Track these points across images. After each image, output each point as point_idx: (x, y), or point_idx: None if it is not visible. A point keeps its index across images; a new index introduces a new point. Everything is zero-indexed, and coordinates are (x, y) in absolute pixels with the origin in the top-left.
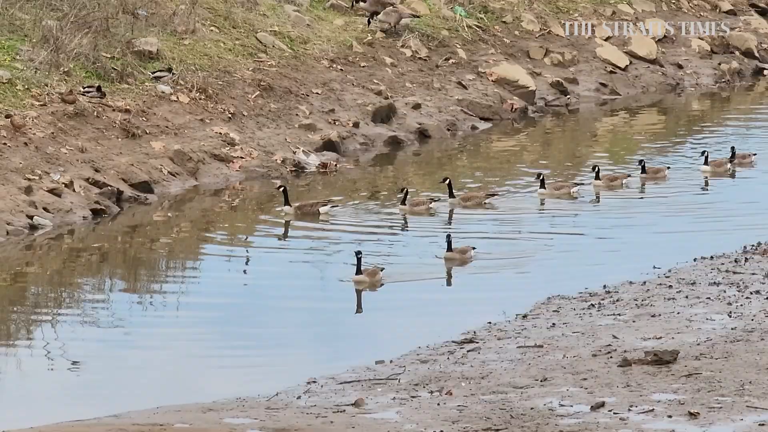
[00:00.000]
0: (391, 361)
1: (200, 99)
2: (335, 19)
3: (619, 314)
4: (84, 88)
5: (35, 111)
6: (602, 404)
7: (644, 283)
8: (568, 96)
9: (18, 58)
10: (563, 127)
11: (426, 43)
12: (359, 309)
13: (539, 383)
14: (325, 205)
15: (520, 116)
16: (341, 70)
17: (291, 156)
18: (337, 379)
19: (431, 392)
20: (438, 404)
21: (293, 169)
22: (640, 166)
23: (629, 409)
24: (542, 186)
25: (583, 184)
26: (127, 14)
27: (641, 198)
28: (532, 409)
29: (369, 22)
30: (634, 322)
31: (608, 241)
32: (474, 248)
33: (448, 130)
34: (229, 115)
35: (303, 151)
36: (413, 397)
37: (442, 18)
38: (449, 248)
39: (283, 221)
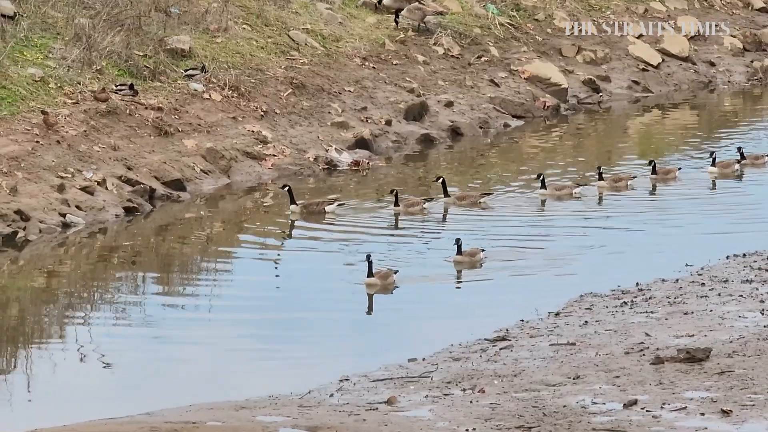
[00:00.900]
0: (423, 359)
1: (233, 97)
2: (367, 17)
3: (651, 312)
4: (117, 86)
5: (68, 109)
6: (635, 402)
7: (677, 280)
8: (600, 94)
9: (51, 56)
10: (595, 124)
11: (458, 40)
12: (370, 311)
13: (572, 381)
14: (331, 204)
15: (552, 114)
16: (373, 68)
17: (323, 154)
18: (369, 376)
19: (464, 390)
20: (470, 402)
21: (325, 166)
22: (650, 167)
23: (662, 407)
24: (543, 186)
25: (586, 185)
26: (159, 12)
27: (675, 196)
28: (564, 407)
29: (396, 22)
30: (666, 319)
31: (641, 239)
32: (483, 250)
33: (481, 127)
34: (262, 113)
35: (335, 148)
36: (446, 395)
37: (475, 16)
38: (459, 251)
39: (320, 219)
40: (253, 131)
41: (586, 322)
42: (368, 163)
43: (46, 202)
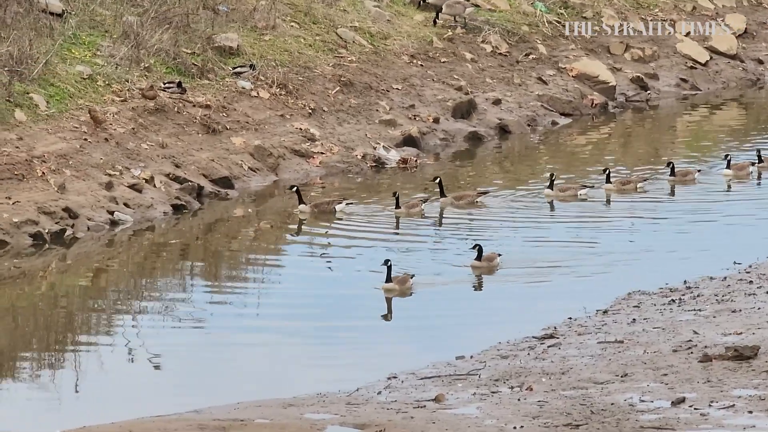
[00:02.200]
0: (471, 357)
1: (280, 95)
2: (415, 14)
3: (699, 310)
4: (165, 83)
5: (116, 107)
6: (683, 400)
7: (725, 278)
8: (648, 91)
9: (99, 53)
10: (643, 122)
11: (506, 38)
12: (389, 317)
13: (620, 379)
14: (340, 202)
15: (600, 112)
16: (421, 65)
17: (371, 151)
18: (417, 374)
19: (511, 388)
20: (518, 400)
21: (373, 164)
22: (669, 168)
23: (710, 405)
24: (550, 186)
25: (593, 186)
26: (207, 10)
27: (721, 193)
28: (612, 404)
29: (435, 22)
30: (714, 317)
31: (688, 237)
32: (500, 255)
33: (528, 125)
34: (310, 111)
35: (383, 146)
36: (493, 392)
37: (523, 13)
38: (479, 257)
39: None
40: (301, 129)
41: (634, 320)
42: (416, 160)
43: (94, 199)
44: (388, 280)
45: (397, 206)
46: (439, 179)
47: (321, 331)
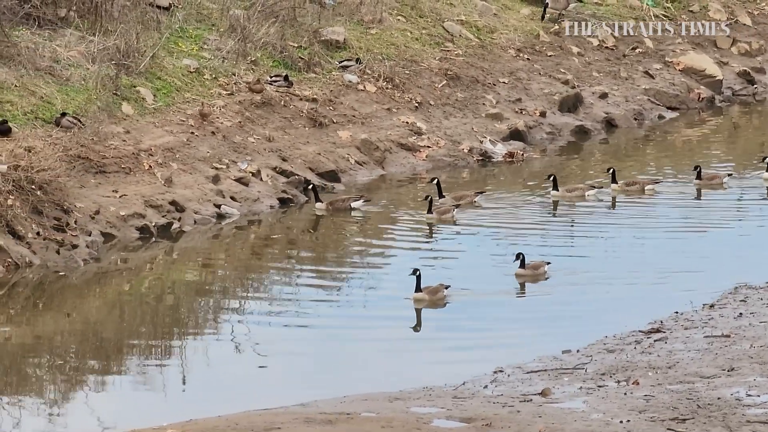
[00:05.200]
0: (577, 351)
1: (387, 88)
2: (522, 8)
3: None
4: (271, 77)
5: (222, 100)
6: None
7: None
8: (755, 86)
9: (205, 47)
10: (750, 117)
11: (613, 32)
12: (418, 328)
13: (726, 373)
14: (357, 200)
15: (706, 106)
16: (528, 59)
17: (477, 145)
18: (523, 368)
19: (618, 382)
20: (625, 394)
21: (479, 158)
22: (695, 172)
23: None
24: (555, 188)
25: (601, 187)
26: (314, 3)
27: None
28: (718, 398)
29: (543, 17)
30: None
31: None
32: (549, 263)
33: (635, 119)
34: (416, 105)
35: (489, 140)
36: (600, 386)
37: (629, 7)
38: (522, 265)
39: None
40: (407, 122)
41: (740, 314)
42: (522, 154)
43: (200, 193)
44: (418, 289)
45: (429, 211)
46: (437, 180)
47: (427, 325)
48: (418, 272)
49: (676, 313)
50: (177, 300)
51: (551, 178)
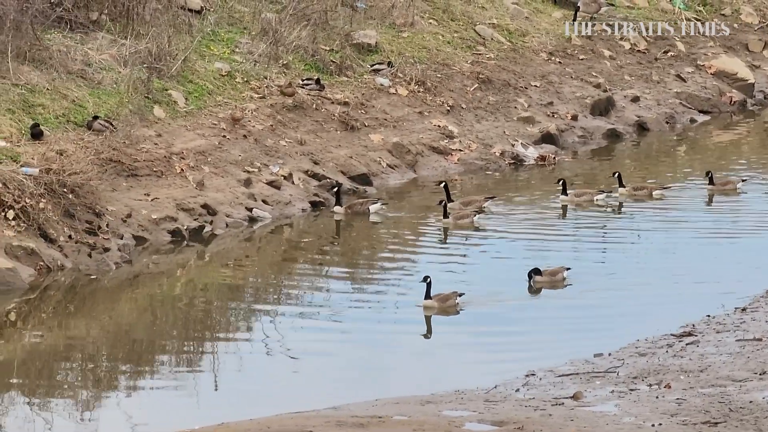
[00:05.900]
0: (609, 354)
1: (419, 92)
2: (553, 11)
3: None
4: (303, 80)
5: (254, 103)
6: None
7: None
8: None
9: (237, 50)
10: None
11: (645, 35)
12: (428, 334)
13: (758, 377)
14: (375, 203)
15: (738, 109)
16: (559, 62)
17: (509, 149)
18: (555, 371)
19: (650, 385)
20: (656, 397)
21: (511, 161)
22: (707, 178)
23: None
24: (564, 192)
25: (610, 192)
26: (345, 7)
27: None
28: (750, 402)
29: (574, 18)
30: None
31: None
32: (569, 269)
33: (667, 122)
34: (448, 108)
35: (521, 143)
36: (632, 390)
37: (661, 11)
38: (538, 272)
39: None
40: (439, 126)
41: None
42: (554, 158)
43: (232, 196)
44: (427, 297)
45: (445, 216)
46: (444, 184)
47: (458, 329)
48: (428, 279)
49: (708, 316)
50: (208, 303)
51: (560, 183)
